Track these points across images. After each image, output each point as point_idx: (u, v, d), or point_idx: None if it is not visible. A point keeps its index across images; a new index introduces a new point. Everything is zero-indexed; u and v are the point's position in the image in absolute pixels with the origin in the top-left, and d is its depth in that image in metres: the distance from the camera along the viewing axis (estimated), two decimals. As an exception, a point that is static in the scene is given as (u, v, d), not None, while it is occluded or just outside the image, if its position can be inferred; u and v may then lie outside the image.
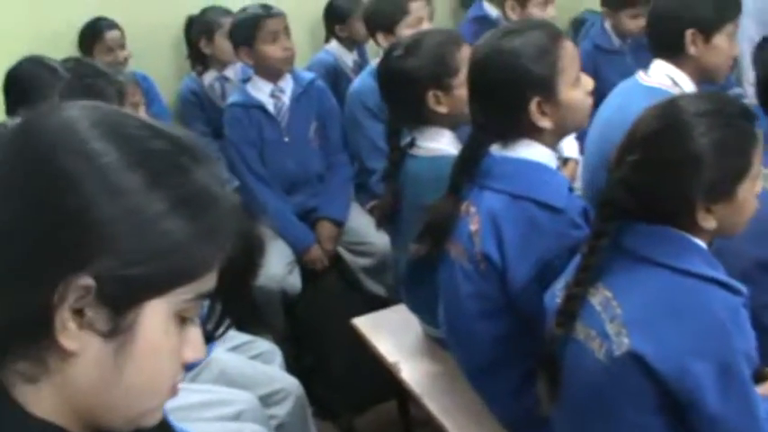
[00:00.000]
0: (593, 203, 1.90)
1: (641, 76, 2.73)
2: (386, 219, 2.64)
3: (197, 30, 4.25)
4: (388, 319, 2.80)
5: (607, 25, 4.02)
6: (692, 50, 2.64)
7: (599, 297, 1.69)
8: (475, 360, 2.16)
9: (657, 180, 1.65)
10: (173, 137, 0.96)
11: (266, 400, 2.53)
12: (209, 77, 4.28)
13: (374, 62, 3.60)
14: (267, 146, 3.69)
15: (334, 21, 4.46)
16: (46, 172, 0.89)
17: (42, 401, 0.93)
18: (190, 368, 1.01)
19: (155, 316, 0.92)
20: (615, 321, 1.64)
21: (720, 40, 2.65)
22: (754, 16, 3.63)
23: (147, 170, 0.90)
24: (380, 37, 3.54)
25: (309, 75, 3.88)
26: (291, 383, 2.65)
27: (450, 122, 2.43)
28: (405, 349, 2.61)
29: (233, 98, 3.77)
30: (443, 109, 2.40)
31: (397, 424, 2.89)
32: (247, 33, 3.58)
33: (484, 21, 4.33)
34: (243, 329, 2.81)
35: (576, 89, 2.03)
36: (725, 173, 1.63)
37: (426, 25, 3.48)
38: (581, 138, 2.98)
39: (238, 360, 2.67)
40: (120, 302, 0.89)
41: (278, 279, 3.46)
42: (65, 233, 0.87)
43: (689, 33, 2.62)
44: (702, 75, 2.69)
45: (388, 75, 2.52)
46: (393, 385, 2.65)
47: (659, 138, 1.65)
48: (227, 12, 4.13)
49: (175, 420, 1.19)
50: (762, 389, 1.77)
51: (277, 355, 2.85)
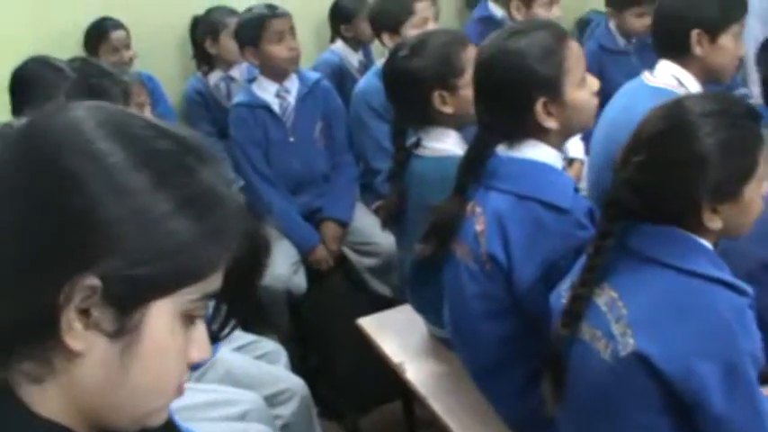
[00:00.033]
0: (598, 204, 1.90)
1: (647, 77, 2.73)
2: (391, 219, 2.63)
3: (202, 30, 4.25)
4: (394, 320, 2.79)
5: (612, 25, 4.00)
6: (698, 51, 2.63)
7: (604, 297, 1.69)
8: (480, 360, 2.16)
9: (663, 180, 1.65)
10: (178, 137, 0.96)
11: (271, 400, 2.53)
12: (214, 77, 4.28)
13: (379, 62, 3.61)
14: (272, 146, 3.68)
15: (339, 21, 4.45)
16: (52, 172, 0.89)
17: (48, 402, 0.93)
18: (195, 368, 1.01)
19: (161, 316, 0.92)
20: (621, 322, 1.63)
21: (726, 41, 2.64)
22: (759, 16, 3.63)
23: (153, 170, 0.90)
24: (386, 37, 3.54)
25: (315, 75, 3.87)
26: (296, 383, 2.65)
27: (455, 123, 2.43)
28: (410, 349, 2.61)
29: (238, 98, 3.77)
30: (449, 109, 2.40)
31: (402, 424, 2.88)
32: (253, 33, 3.58)
33: (489, 21, 4.34)
34: (248, 329, 2.82)
35: (582, 90, 2.03)
36: (731, 173, 1.63)
37: (432, 25, 3.47)
38: (586, 138, 2.97)
39: (243, 360, 2.67)
40: (126, 302, 0.89)
41: (283, 279, 3.46)
42: (71, 233, 0.87)
43: (694, 34, 2.61)
44: (708, 75, 2.68)
45: (394, 75, 2.52)
46: (398, 385, 2.64)
47: (665, 138, 1.65)
48: (232, 12, 4.13)
49: (181, 420, 1.20)
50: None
51: (282, 355, 2.85)
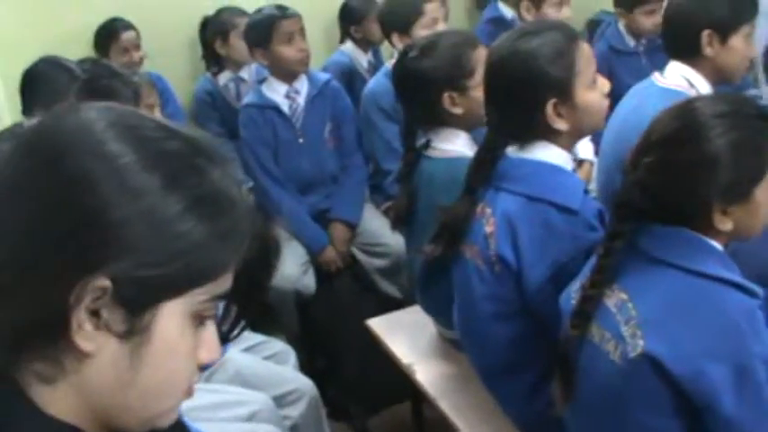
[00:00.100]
0: (608, 205, 1.89)
1: (657, 78, 2.72)
2: (401, 220, 2.63)
3: (212, 30, 4.26)
4: (403, 321, 2.79)
5: (621, 26, 3.98)
6: (709, 52, 2.62)
7: (614, 299, 1.68)
8: (489, 361, 2.16)
9: (673, 182, 1.64)
10: (188, 138, 0.96)
11: (280, 401, 2.53)
12: (224, 78, 4.29)
13: (389, 63, 3.61)
14: (282, 147, 3.69)
15: (349, 22, 4.46)
16: (62, 173, 0.89)
17: (58, 402, 0.93)
18: (205, 368, 1.01)
19: (171, 317, 0.92)
20: (630, 323, 1.63)
21: (737, 41, 2.63)
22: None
23: (164, 171, 0.90)
24: (395, 38, 3.53)
25: (324, 76, 3.88)
26: (305, 384, 2.65)
27: (465, 124, 2.43)
28: (419, 351, 2.61)
29: (248, 99, 3.77)
30: (459, 110, 2.40)
31: (411, 425, 2.88)
32: (262, 34, 3.58)
33: (499, 22, 4.33)
34: (257, 330, 2.82)
35: (593, 91, 2.03)
36: (741, 174, 1.62)
37: (441, 26, 3.47)
38: (596, 139, 2.97)
39: (252, 360, 2.67)
40: (136, 303, 0.89)
41: (292, 280, 3.47)
42: (81, 234, 0.87)
43: (705, 34, 2.60)
44: (719, 76, 2.67)
45: (404, 76, 2.51)
46: (407, 386, 2.64)
47: (675, 139, 1.65)
48: (242, 12, 4.14)
49: (189, 420, 1.20)
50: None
51: (291, 356, 2.85)
